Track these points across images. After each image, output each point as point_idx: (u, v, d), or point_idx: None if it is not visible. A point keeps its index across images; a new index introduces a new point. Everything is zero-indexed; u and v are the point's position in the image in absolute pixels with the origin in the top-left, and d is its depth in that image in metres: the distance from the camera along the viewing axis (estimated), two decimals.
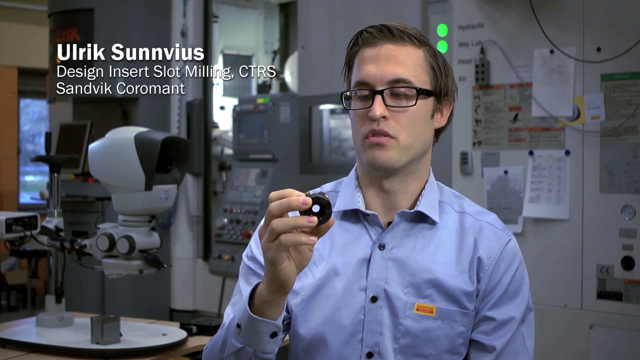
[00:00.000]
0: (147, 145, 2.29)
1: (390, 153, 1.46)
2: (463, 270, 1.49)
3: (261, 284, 1.34)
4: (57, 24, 5.03)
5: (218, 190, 5.18)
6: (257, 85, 5.49)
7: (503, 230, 1.54)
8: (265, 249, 1.27)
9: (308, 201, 1.23)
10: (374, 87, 1.46)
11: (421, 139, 1.50)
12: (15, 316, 5.72)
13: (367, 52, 1.49)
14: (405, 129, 1.46)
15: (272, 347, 1.37)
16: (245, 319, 1.35)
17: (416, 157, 1.50)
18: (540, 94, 3.22)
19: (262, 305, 1.34)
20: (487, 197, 3.36)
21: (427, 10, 3.98)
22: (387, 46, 1.48)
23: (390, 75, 1.46)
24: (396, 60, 1.47)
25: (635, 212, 3.00)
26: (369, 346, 1.47)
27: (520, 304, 1.51)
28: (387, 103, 1.46)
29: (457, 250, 1.51)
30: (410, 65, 1.48)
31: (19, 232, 2.40)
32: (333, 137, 4.67)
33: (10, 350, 2.32)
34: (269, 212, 1.25)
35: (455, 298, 1.47)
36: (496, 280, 1.50)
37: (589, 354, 3.08)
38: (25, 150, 8.67)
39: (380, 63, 1.47)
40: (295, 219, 1.23)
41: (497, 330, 1.49)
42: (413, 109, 1.47)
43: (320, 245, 1.52)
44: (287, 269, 1.28)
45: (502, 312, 1.49)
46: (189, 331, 2.45)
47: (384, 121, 1.45)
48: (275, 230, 1.24)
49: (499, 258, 1.51)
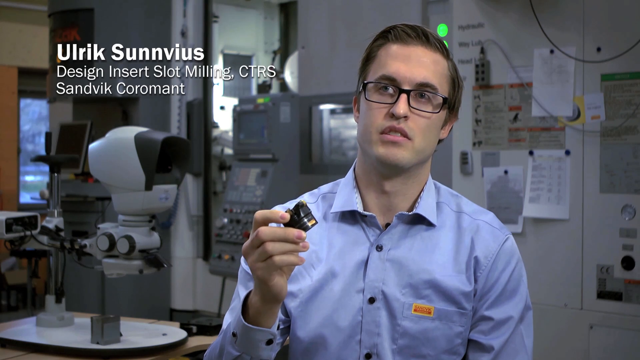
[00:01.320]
0: (147, 145, 2.29)
1: (404, 153, 1.46)
2: (460, 271, 1.49)
3: (253, 294, 1.35)
4: (57, 24, 5.03)
5: (218, 190, 5.18)
6: (257, 85, 5.49)
7: (500, 229, 1.54)
8: (254, 268, 1.28)
9: (286, 216, 1.26)
10: (400, 85, 1.46)
11: (431, 145, 1.51)
12: (15, 316, 5.73)
13: (396, 49, 1.49)
14: (421, 133, 1.47)
15: (269, 353, 1.38)
16: (240, 328, 1.36)
17: (422, 161, 1.51)
18: (540, 94, 3.22)
19: (256, 315, 1.35)
20: (487, 197, 3.35)
21: (427, 10, 3.98)
22: (419, 48, 1.48)
23: (421, 77, 1.46)
24: (427, 65, 1.48)
25: (635, 212, 3.00)
26: (367, 347, 1.47)
27: (518, 303, 1.51)
28: (411, 104, 1.46)
29: (454, 251, 1.51)
30: (438, 73, 1.49)
31: (19, 232, 2.40)
32: (333, 137, 4.67)
33: (10, 350, 2.32)
34: (258, 235, 1.26)
35: (453, 298, 1.47)
36: (493, 280, 1.50)
37: (589, 354, 3.08)
38: (25, 150, 8.68)
39: (412, 63, 1.47)
40: (290, 246, 1.26)
41: (495, 330, 1.49)
42: (434, 116, 1.48)
43: (318, 247, 1.52)
44: (278, 284, 1.30)
45: (500, 312, 1.49)
46: (189, 331, 2.45)
47: (404, 121, 1.45)
48: (268, 252, 1.25)
49: (496, 257, 1.50)
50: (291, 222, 1.27)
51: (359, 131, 1.53)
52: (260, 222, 1.28)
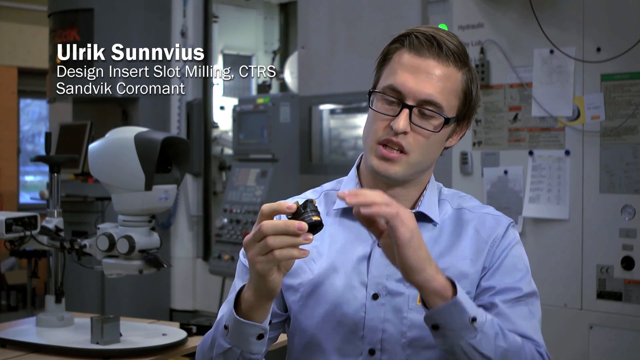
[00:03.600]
0: (147, 145, 2.29)
1: (397, 168, 1.46)
2: (464, 257, 1.49)
3: (247, 289, 1.36)
4: (57, 24, 5.03)
5: (218, 190, 5.18)
6: (257, 85, 5.49)
7: (502, 216, 1.56)
8: (254, 262, 1.28)
9: (293, 207, 1.26)
10: (404, 99, 1.45)
11: (431, 157, 1.51)
12: (15, 316, 5.72)
13: (409, 58, 1.46)
14: (419, 148, 1.46)
15: (260, 348, 1.39)
16: (231, 322, 1.37)
17: (420, 171, 1.51)
18: (540, 94, 3.22)
19: (248, 310, 1.35)
20: (487, 197, 3.36)
21: (427, 10, 3.98)
22: (430, 61, 1.45)
23: (425, 94, 1.44)
24: (434, 80, 1.45)
25: (635, 212, 3.00)
26: (371, 343, 1.47)
27: (520, 280, 1.49)
28: (412, 120, 1.45)
29: (456, 243, 1.51)
30: (445, 89, 1.46)
31: (19, 232, 2.40)
32: (333, 137, 4.67)
33: (10, 350, 2.32)
34: (261, 229, 1.26)
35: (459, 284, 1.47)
36: (497, 256, 1.50)
37: (589, 354, 3.08)
38: (25, 150, 8.67)
39: (419, 77, 1.45)
40: (291, 239, 1.25)
41: (498, 294, 1.47)
42: (433, 134, 1.47)
43: (319, 241, 1.52)
44: (275, 280, 1.30)
45: (500, 282, 1.48)
46: (189, 331, 2.45)
47: (403, 136, 1.45)
48: (270, 245, 1.25)
49: (502, 239, 1.51)
50: (295, 216, 1.27)
51: (363, 133, 1.54)
52: (266, 214, 1.28)
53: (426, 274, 1.29)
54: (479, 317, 1.32)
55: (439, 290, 1.30)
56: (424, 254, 1.30)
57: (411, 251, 1.28)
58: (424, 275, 1.29)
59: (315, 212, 1.27)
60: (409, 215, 1.30)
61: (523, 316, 1.45)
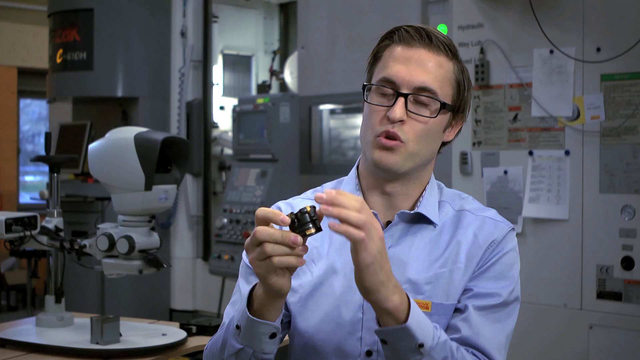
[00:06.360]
0: (147, 145, 2.29)
1: (397, 157, 1.46)
2: (460, 265, 1.49)
3: (258, 287, 1.36)
4: (57, 24, 5.03)
5: (218, 190, 5.18)
6: (256, 85, 5.49)
7: (503, 221, 1.55)
8: (254, 265, 1.29)
9: (287, 221, 1.26)
10: (399, 89, 1.46)
11: (429, 149, 1.50)
12: (15, 316, 5.72)
13: (399, 51, 1.48)
14: (416, 137, 1.46)
15: (272, 347, 1.38)
16: (244, 321, 1.36)
17: (420, 165, 1.51)
18: (540, 94, 3.22)
19: (260, 308, 1.35)
20: (487, 197, 3.36)
21: (427, 10, 3.98)
22: (422, 51, 1.47)
23: (419, 82, 1.45)
24: (427, 68, 1.46)
25: (635, 212, 3.00)
26: (369, 344, 1.47)
27: (504, 288, 1.48)
28: (408, 108, 1.45)
29: (455, 248, 1.51)
30: (439, 76, 1.47)
31: (18, 232, 2.40)
32: (333, 137, 4.67)
33: (10, 350, 2.32)
34: (255, 234, 1.26)
35: (450, 293, 1.47)
36: (485, 261, 1.49)
37: (589, 354, 3.08)
38: (25, 150, 8.67)
39: (411, 66, 1.46)
40: (288, 249, 1.25)
41: (473, 298, 1.47)
42: (431, 121, 1.47)
43: (319, 243, 1.53)
44: (278, 281, 1.30)
45: (481, 287, 1.47)
46: (189, 331, 2.45)
47: (399, 125, 1.45)
48: (267, 252, 1.25)
49: (498, 245, 1.50)
50: (292, 226, 1.27)
51: (360, 132, 1.54)
52: (260, 220, 1.28)
53: (380, 295, 1.29)
54: (428, 343, 1.31)
55: (391, 311, 1.30)
56: (382, 277, 1.28)
57: (368, 275, 1.28)
58: (377, 295, 1.29)
59: (312, 222, 1.26)
60: (377, 235, 1.27)
61: (490, 328, 1.45)
